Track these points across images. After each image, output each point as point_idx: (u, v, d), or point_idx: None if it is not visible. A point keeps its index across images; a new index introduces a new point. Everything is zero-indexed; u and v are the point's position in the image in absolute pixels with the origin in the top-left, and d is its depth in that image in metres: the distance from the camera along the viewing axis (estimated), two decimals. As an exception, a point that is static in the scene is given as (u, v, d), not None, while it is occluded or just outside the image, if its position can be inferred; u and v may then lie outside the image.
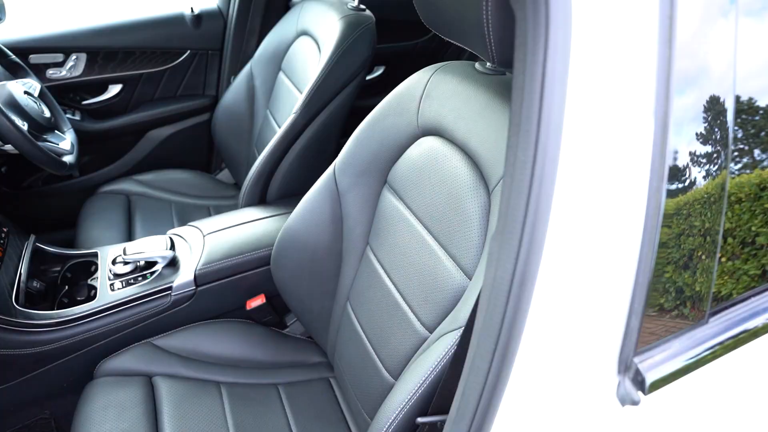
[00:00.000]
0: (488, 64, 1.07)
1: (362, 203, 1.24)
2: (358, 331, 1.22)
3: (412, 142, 1.14)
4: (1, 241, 1.45)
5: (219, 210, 2.04)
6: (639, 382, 0.64)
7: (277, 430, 1.26)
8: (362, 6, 1.77)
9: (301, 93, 1.79)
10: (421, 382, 0.87)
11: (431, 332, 1.01)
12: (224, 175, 2.42)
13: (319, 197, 1.28)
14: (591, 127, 0.55)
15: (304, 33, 1.89)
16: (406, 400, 0.88)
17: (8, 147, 1.55)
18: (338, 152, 1.72)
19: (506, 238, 0.59)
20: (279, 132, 1.66)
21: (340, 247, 1.29)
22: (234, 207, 2.05)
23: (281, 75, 1.98)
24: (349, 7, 1.76)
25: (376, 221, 1.22)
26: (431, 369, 0.86)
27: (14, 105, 1.56)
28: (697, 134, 0.61)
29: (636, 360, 0.65)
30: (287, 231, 1.33)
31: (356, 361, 1.22)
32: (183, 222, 1.93)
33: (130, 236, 1.88)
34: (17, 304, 1.35)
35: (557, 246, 0.58)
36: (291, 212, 1.57)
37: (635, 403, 0.65)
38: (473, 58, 1.07)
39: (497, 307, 0.61)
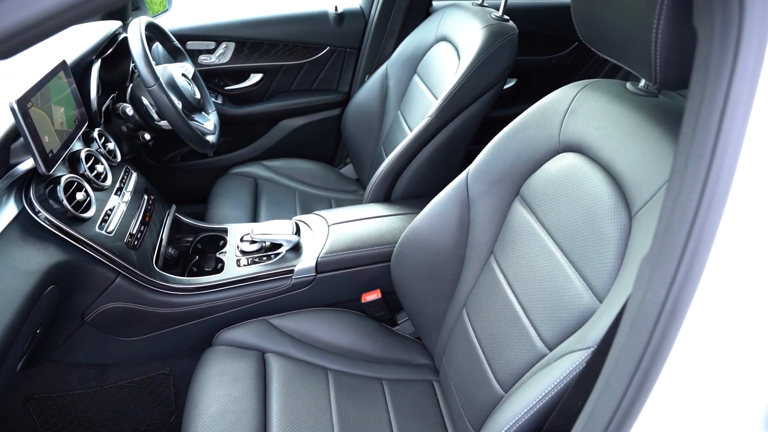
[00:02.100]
0: (641, 84, 1.04)
1: (491, 212, 1.24)
2: (472, 339, 1.22)
3: (551, 157, 1.13)
4: (149, 207, 1.56)
5: (340, 203, 2.10)
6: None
7: (378, 424, 1.28)
8: (506, 17, 1.77)
9: (435, 97, 1.81)
10: (540, 397, 0.85)
11: (551, 349, 0.99)
12: (347, 170, 2.49)
13: (449, 201, 1.29)
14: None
15: (444, 39, 1.90)
16: (522, 414, 0.87)
17: (163, 123, 1.68)
18: (467, 159, 1.74)
19: (661, 262, 0.58)
20: (411, 134, 1.68)
21: (463, 253, 1.29)
22: (355, 201, 2.11)
23: (416, 78, 2.01)
24: (493, 16, 1.76)
25: (504, 232, 1.21)
26: (552, 386, 0.84)
27: (173, 85, 1.69)
28: None
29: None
30: (412, 231, 1.35)
31: (466, 368, 1.22)
32: (305, 209, 2.00)
33: (255, 217, 1.98)
34: (156, 266, 1.45)
35: (717, 276, 0.55)
36: (415, 213, 1.60)
37: None
38: (611, 76, 1.04)
39: (642, 331, 0.59)
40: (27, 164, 1.21)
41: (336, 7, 2.42)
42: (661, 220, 0.60)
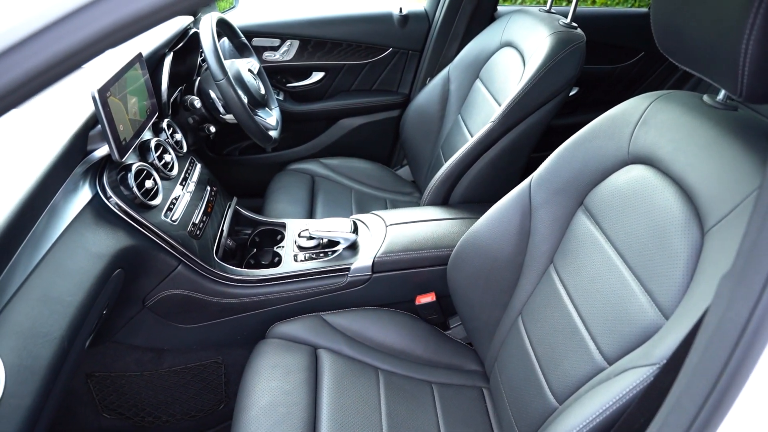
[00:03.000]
0: (719, 97, 1.01)
1: (553, 221, 1.22)
2: (527, 348, 1.20)
3: (619, 168, 1.10)
4: (212, 198, 1.60)
5: (395, 203, 2.10)
6: None
7: (427, 427, 1.27)
8: (574, 24, 1.74)
9: (497, 103, 1.80)
10: (600, 411, 0.84)
11: (610, 363, 0.97)
12: (404, 171, 2.49)
13: (510, 208, 1.28)
14: None
15: (509, 44, 1.89)
16: (581, 427, 0.86)
17: (228, 117, 1.72)
18: (528, 167, 1.72)
19: (745, 280, 0.56)
20: (473, 138, 1.67)
21: (521, 260, 1.28)
22: (410, 203, 2.11)
23: (478, 83, 2.00)
24: (561, 23, 1.73)
25: (566, 242, 1.19)
26: (614, 400, 0.83)
27: (239, 80, 1.72)
28: None
29: None
30: (471, 235, 1.35)
31: (519, 377, 1.21)
32: (361, 208, 2.01)
33: (311, 214, 2.00)
34: (216, 256, 1.48)
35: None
36: (473, 217, 1.59)
37: None
38: (677, 88, 1.01)
39: (720, 350, 0.57)
40: (102, 151, 1.25)
41: (401, 8, 2.43)
42: (747, 236, 0.58)
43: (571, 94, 2.64)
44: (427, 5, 2.47)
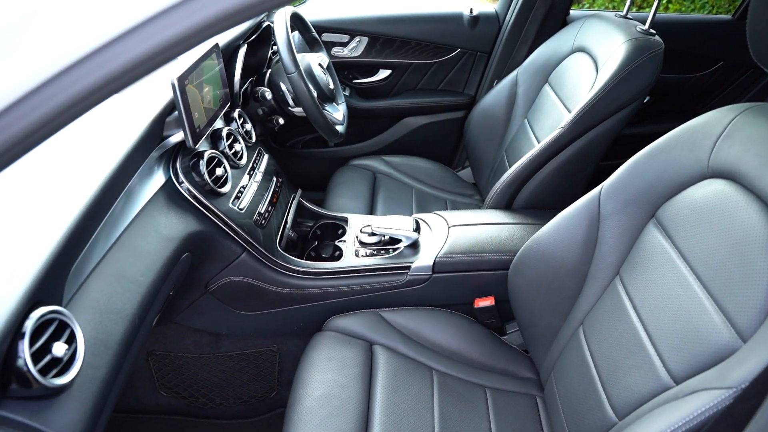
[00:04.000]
0: (812, 112, 0.97)
1: (622, 232, 1.19)
2: (587, 359, 1.18)
3: (697, 182, 1.07)
4: (277, 189, 1.62)
5: (455, 205, 2.09)
6: None
7: (479, 431, 1.26)
8: (652, 30, 1.69)
9: (566, 108, 1.76)
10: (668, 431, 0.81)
11: (677, 382, 0.94)
12: (465, 173, 2.48)
13: (578, 216, 1.26)
14: None
15: (581, 50, 1.85)
16: (645, 445, 0.84)
17: (297, 109, 1.74)
18: (596, 175, 1.68)
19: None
20: (540, 144, 1.65)
21: (586, 270, 1.25)
22: (470, 205, 2.10)
23: (547, 87, 1.97)
24: (638, 29, 1.69)
25: (634, 254, 1.16)
26: (683, 422, 0.80)
27: (310, 74, 1.74)
28: None
29: None
30: (536, 242, 1.33)
31: (577, 389, 1.18)
32: (421, 208, 2.01)
33: (371, 210, 2.01)
34: (279, 247, 1.51)
35: None
36: (537, 223, 1.57)
37: None
38: (758, 100, 0.97)
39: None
40: (177, 137, 1.28)
41: (471, 9, 2.41)
42: None
43: (640, 102, 2.57)
44: (498, 7, 2.44)
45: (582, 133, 1.62)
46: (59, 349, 0.77)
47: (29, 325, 0.74)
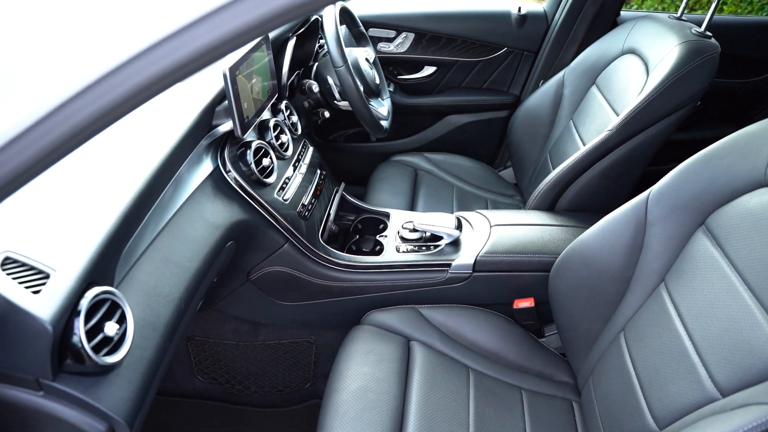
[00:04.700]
0: None
1: (669, 238, 1.17)
2: (627, 366, 1.16)
3: (752, 190, 1.04)
4: (321, 182, 1.64)
5: (496, 204, 2.08)
6: None
7: (514, 432, 1.26)
8: (709, 33, 1.65)
9: (614, 111, 1.74)
10: (713, 444, 0.80)
11: (724, 395, 0.92)
12: (507, 173, 2.46)
13: (623, 220, 1.24)
14: None
15: (632, 52, 1.82)
16: (689, 456, 0.82)
17: (343, 103, 1.75)
18: (642, 179, 1.66)
19: None
20: (586, 146, 1.62)
21: (630, 275, 1.24)
22: (511, 206, 2.08)
23: (594, 89, 1.94)
24: (693, 32, 1.65)
25: (681, 261, 1.14)
26: (730, 435, 0.79)
27: (357, 68, 1.75)
28: None
29: None
30: (579, 244, 1.31)
31: (616, 395, 1.17)
32: (462, 206, 2.00)
33: (412, 206, 2.01)
34: (321, 239, 1.52)
35: None
36: (580, 226, 1.55)
37: None
38: None
39: None
40: (225, 126, 1.30)
41: (519, 8, 2.39)
42: None
43: (690, 107, 2.52)
44: (547, 6, 2.42)
45: (630, 136, 1.59)
46: (111, 328, 0.80)
47: (84, 303, 0.77)
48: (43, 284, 0.75)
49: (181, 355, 1.62)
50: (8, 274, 0.74)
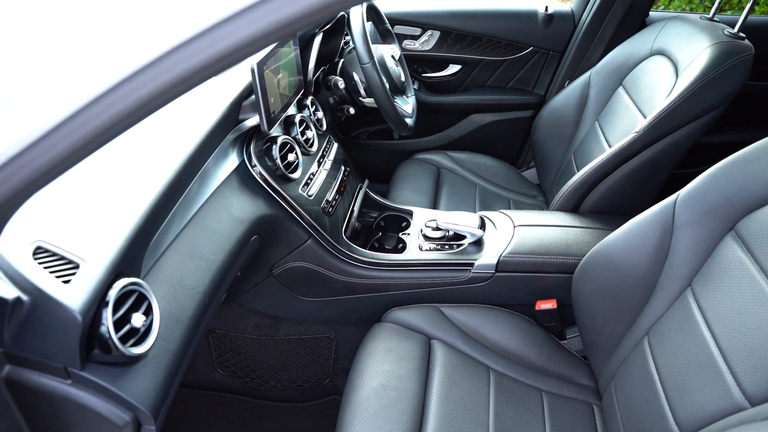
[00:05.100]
0: None
1: (696, 243, 1.15)
2: (651, 371, 1.15)
3: (784, 196, 1.03)
4: (345, 178, 1.64)
5: (518, 205, 2.07)
6: None
7: (533, 434, 1.25)
8: (742, 34, 1.63)
9: (641, 113, 1.72)
10: (742, 453, 0.79)
11: (753, 404, 0.90)
12: (530, 173, 2.45)
13: (650, 224, 1.22)
14: None
15: (661, 53, 1.80)
16: (716, 464, 0.81)
17: (368, 100, 1.75)
18: (669, 182, 1.64)
19: None
20: (613, 148, 1.61)
21: (655, 279, 1.22)
22: (533, 206, 2.07)
23: (621, 90, 1.92)
24: (726, 33, 1.62)
25: (708, 267, 1.13)
26: (760, 445, 0.77)
27: (383, 66, 1.75)
28: None
29: None
30: (604, 247, 1.30)
31: (639, 400, 1.16)
32: (484, 205, 1.99)
33: (434, 204, 2.00)
34: (344, 236, 1.52)
35: None
36: (605, 228, 1.54)
37: None
38: None
39: None
40: (252, 121, 1.31)
41: (546, 7, 2.37)
42: None
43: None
44: (575, 6, 2.39)
45: (657, 138, 1.57)
46: (138, 319, 0.80)
47: (113, 294, 0.77)
48: (73, 274, 0.76)
49: (202, 348, 1.63)
50: (39, 263, 0.75)
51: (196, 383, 1.71)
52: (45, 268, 0.75)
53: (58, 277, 0.74)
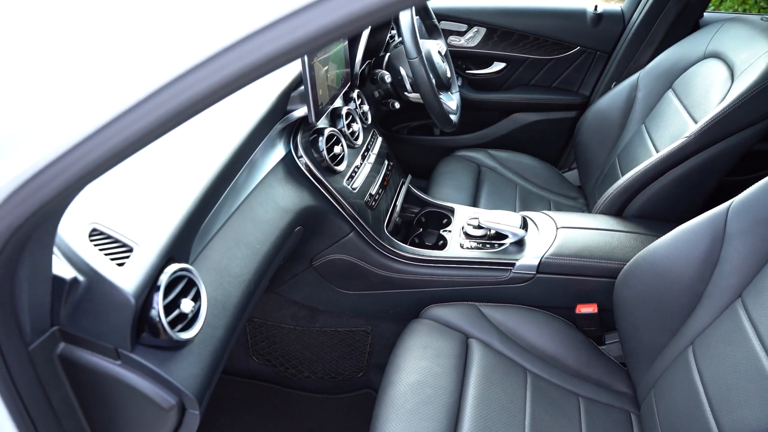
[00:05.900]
0: None
1: (750, 254, 1.12)
2: (695, 383, 1.12)
3: None
4: (388, 173, 1.64)
5: (559, 206, 2.04)
6: None
7: (570, 439, 1.24)
8: None
9: (691, 117, 1.68)
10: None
11: (804, 421, 0.88)
12: (571, 175, 2.42)
13: (699, 231, 1.19)
14: None
15: (715, 56, 1.75)
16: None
17: (414, 95, 1.74)
18: (719, 190, 1.60)
19: None
20: (661, 152, 1.57)
21: (702, 289, 1.19)
22: (574, 208, 2.04)
23: (670, 93, 1.88)
24: None
25: (762, 278, 1.10)
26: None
27: (429, 61, 1.74)
28: None
29: None
30: (649, 253, 1.27)
31: (681, 412, 1.13)
32: (524, 205, 1.97)
33: (474, 202, 1.99)
34: (386, 230, 1.52)
35: None
36: (650, 234, 1.51)
37: None
38: None
39: None
40: (299, 112, 1.31)
41: (596, 6, 2.33)
42: None
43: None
44: (625, 5, 2.35)
45: (708, 144, 1.53)
46: (187, 305, 0.81)
47: (164, 279, 0.78)
48: (127, 257, 0.77)
49: (239, 335, 1.65)
50: (95, 245, 0.76)
51: (230, 369, 1.73)
52: (100, 250, 0.76)
53: (112, 259, 0.76)
